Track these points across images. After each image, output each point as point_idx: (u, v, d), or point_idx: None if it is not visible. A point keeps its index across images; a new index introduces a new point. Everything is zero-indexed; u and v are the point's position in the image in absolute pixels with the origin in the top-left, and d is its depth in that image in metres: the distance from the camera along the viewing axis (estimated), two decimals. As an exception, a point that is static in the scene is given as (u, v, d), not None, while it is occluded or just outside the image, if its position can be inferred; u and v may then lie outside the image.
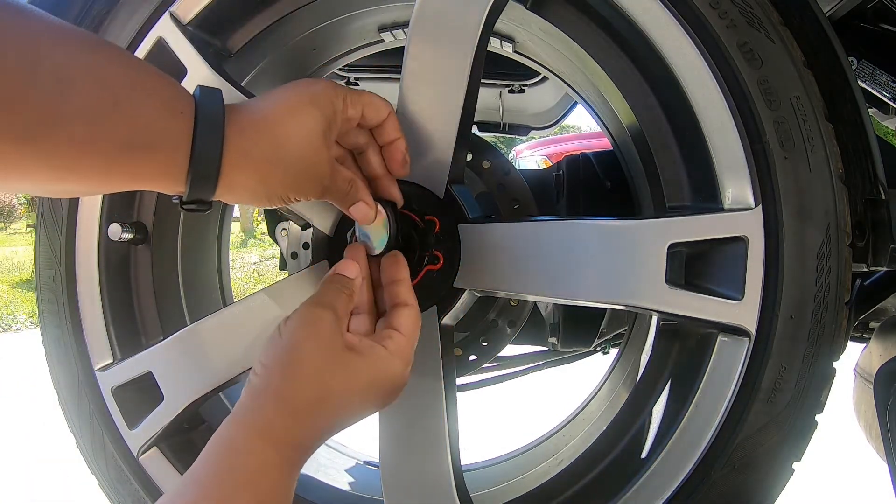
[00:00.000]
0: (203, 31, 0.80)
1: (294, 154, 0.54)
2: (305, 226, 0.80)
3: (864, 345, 1.14)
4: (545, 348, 1.11)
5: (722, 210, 0.64)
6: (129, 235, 0.84)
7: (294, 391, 0.51)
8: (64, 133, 0.43)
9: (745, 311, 0.63)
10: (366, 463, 1.06)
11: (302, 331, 0.53)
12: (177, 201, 0.53)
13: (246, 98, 0.71)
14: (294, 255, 0.85)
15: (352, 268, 0.61)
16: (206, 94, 0.51)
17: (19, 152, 0.42)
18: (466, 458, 0.85)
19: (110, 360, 0.84)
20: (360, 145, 0.63)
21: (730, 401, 0.65)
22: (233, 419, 0.51)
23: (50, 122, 0.42)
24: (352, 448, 1.10)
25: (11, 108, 0.40)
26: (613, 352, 1.22)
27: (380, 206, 0.63)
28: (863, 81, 1.06)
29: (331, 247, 0.75)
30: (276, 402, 0.51)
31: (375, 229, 0.64)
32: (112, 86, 0.45)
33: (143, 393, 0.81)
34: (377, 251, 0.64)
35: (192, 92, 0.51)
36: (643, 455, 0.70)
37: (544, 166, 5.48)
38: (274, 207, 0.62)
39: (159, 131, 0.48)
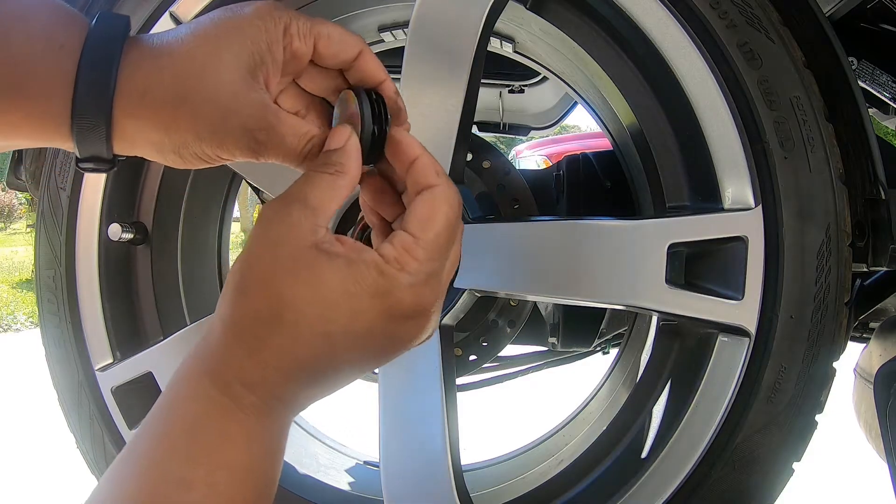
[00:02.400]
0: (203, 31, 0.80)
1: (205, 95, 0.40)
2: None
3: (864, 345, 1.14)
4: (545, 348, 1.11)
5: (722, 210, 0.64)
6: (129, 235, 0.84)
7: (238, 309, 0.38)
8: None
9: (745, 311, 0.63)
10: (366, 463, 1.06)
11: (256, 231, 0.40)
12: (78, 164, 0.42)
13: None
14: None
15: (338, 136, 0.42)
16: (103, 23, 0.40)
17: None
18: (466, 458, 0.85)
19: (110, 360, 0.84)
20: (330, 91, 0.47)
21: (730, 401, 0.65)
22: (180, 364, 0.41)
23: None
24: (352, 448, 1.10)
25: None
26: (613, 352, 1.22)
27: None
28: (863, 81, 1.06)
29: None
30: (220, 326, 0.39)
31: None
32: None
33: (143, 393, 0.81)
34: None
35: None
36: (643, 455, 0.70)
37: (544, 166, 5.48)
38: (197, 167, 0.44)
39: (32, 70, 0.38)
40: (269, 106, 0.42)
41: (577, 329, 1.00)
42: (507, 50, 1.03)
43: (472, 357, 0.96)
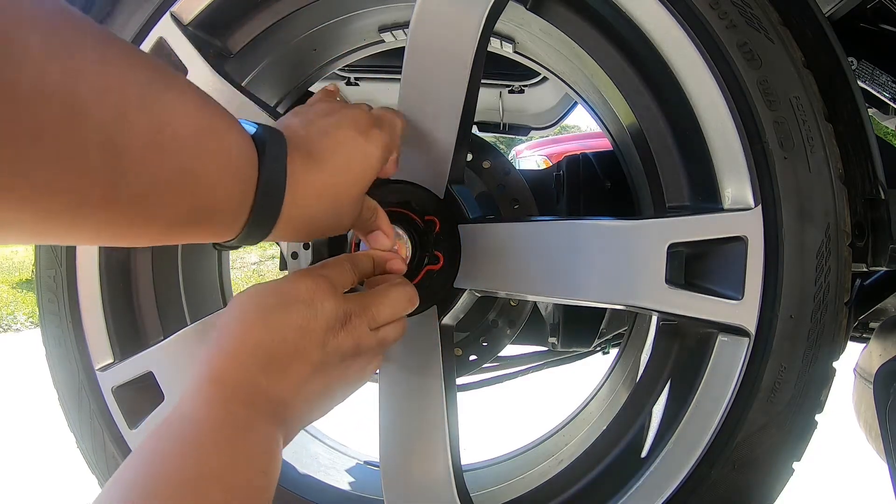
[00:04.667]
0: (204, 32, 0.80)
1: (340, 214, 0.55)
2: (306, 226, 0.80)
3: (864, 345, 1.14)
4: (545, 348, 1.11)
5: (722, 210, 0.64)
6: (129, 235, 0.84)
7: (223, 329, 0.49)
8: (114, 212, 0.37)
9: (744, 311, 0.63)
10: (366, 463, 1.06)
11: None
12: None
13: (245, 98, 0.71)
14: (294, 256, 0.85)
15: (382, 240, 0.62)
16: (271, 156, 0.47)
17: (67, 228, 0.36)
18: (466, 458, 0.85)
19: (111, 360, 0.84)
20: None
21: (730, 400, 0.65)
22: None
23: (98, 203, 0.36)
24: (352, 448, 1.10)
25: (52, 188, 0.33)
26: (613, 352, 1.22)
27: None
28: (862, 82, 1.06)
29: (331, 247, 0.75)
30: (213, 345, 0.49)
31: None
32: (169, 156, 0.38)
33: (143, 393, 0.81)
34: None
35: (251, 133, 0.47)
36: (643, 455, 0.70)
37: (544, 166, 5.48)
38: None
39: (220, 202, 0.44)
40: (368, 200, 0.59)
41: (578, 329, 1.00)
42: (507, 50, 1.03)
43: (473, 357, 0.96)
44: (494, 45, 1.03)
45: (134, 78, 0.36)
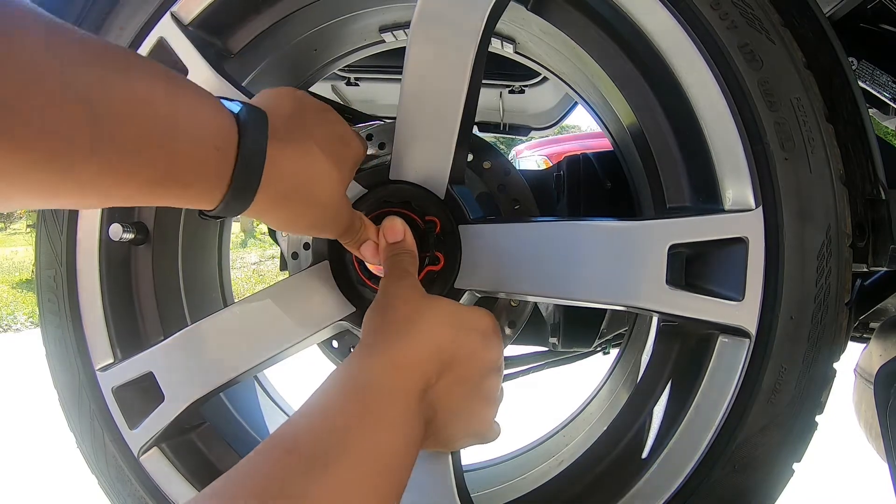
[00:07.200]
0: (204, 32, 0.80)
1: (321, 199, 0.57)
2: (306, 226, 0.80)
3: (865, 345, 1.14)
4: (546, 348, 1.11)
5: (722, 211, 0.64)
6: (129, 235, 0.84)
7: (386, 318, 0.56)
8: (94, 164, 0.40)
9: (745, 312, 0.63)
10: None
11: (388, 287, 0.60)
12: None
13: (247, 98, 0.71)
14: (295, 256, 0.85)
15: (394, 231, 0.65)
16: (250, 127, 0.49)
17: (47, 180, 0.39)
18: (467, 458, 0.85)
19: (111, 360, 0.84)
20: None
21: (730, 401, 0.65)
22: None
23: (80, 153, 0.39)
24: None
25: (40, 135, 0.37)
26: (614, 352, 1.22)
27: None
28: (863, 82, 1.06)
29: (331, 247, 0.75)
30: (373, 332, 0.55)
31: None
32: (150, 117, 0.43)
33: (143, 393, 0.81)
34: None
35: (233, 111, 0.50)
36: (643, 456, 0.70)
37: (544, 166, 5.48)
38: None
39: (197, 168, 0.46)
40: (349, 205, 0.61)
41: (578, 329, 1.00)
42: (507, 51, 1.03)
43: (473, 357, 0.95)
44: (495, 46, 1.03)
45: (112, 52, 0.42)
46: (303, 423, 0.46)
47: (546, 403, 2.42)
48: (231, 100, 0.51)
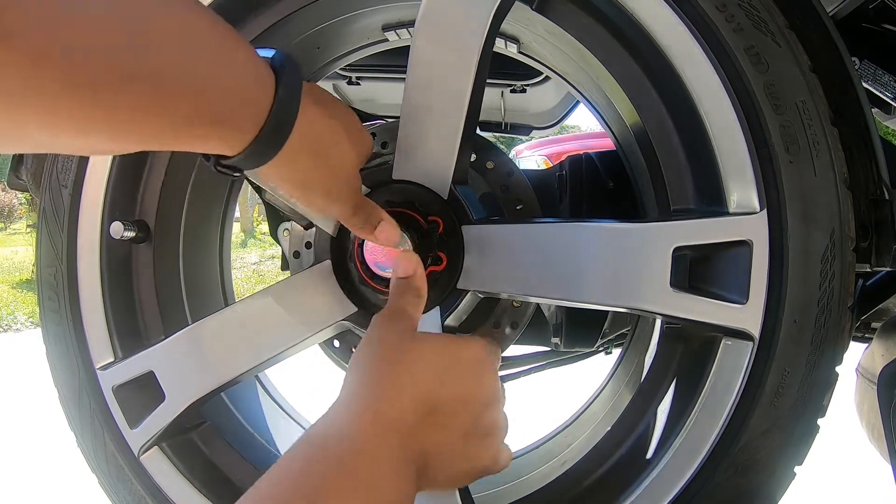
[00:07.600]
0: (206, 30, 0.79)
1: (346, 172, 0.58)
2: (308, 225, 0.80)
3: (866, 345, 1.14)
4: (548, 348, 1.11)
5: (727, 214, 0.64)
6: (131, 234, 0.83)
7: (368, 368, 0.52)
8: (132, 94, 0.39)
9: (749, 315, 0.63)
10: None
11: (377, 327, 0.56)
12: (207, 161, 0.51)
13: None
14: (296, 255, 0.85)
15: (406, 265, 0.61)
16: (287, 71, 0.49)
17: (81, 107, 0.38)
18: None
19: (111, 359, 0.84)
20: None
21: (733, 404, 0.65)
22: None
23: (118, 80, 0.38)
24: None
25: (80, 58, 0.36)
26: (616, 352, 1.21)
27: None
28: (865, 82, 1.05)
29: (333, 246, 0.75)
30: (355, 377, 0.52)
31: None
32: (192, 49, 0.42)
33: (144, 392, 0.81)
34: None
35: (270, 60, 0.50)
36: (647, 457, 0.70)
37: (544, 166, 5.48)
38: (299, 209, 0.66)
39: (234, 105, 0.46)
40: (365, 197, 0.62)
41: (580, 329, 1.00)
42: (511, 50, 1.03)
43: (474, 358, 0.95)
44: (499, 46, 1.02)
45: None
46: (277, 494, 0.42)
47: (548, 403, 2.42)
48: (262, 47, 0.51)
